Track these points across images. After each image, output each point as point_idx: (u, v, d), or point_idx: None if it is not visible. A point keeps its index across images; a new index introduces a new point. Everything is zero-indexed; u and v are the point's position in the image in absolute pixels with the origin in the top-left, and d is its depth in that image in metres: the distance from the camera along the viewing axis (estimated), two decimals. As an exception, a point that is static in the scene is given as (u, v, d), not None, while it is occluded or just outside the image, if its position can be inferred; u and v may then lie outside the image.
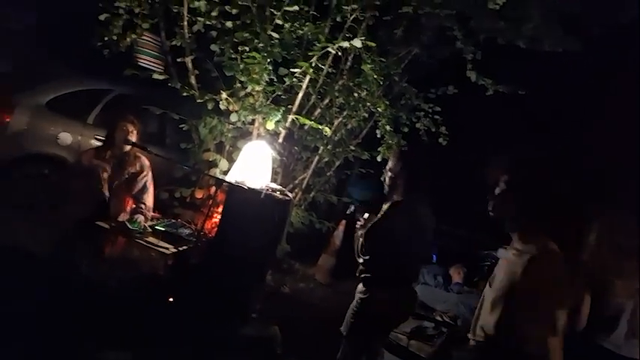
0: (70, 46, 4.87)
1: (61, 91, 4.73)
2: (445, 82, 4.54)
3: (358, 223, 2.65)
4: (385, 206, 2.54)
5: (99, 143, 3.48)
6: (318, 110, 4.47)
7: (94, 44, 3.85)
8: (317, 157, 4.68)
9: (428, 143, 4.48)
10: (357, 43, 3.35)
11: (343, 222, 5.49)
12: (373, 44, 3.47)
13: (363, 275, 2.59)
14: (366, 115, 4.49)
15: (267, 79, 3.90)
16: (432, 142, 4.42)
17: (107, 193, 3.35)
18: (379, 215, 2.59)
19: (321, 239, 5.51)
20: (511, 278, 1.67)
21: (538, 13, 3.64)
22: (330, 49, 3.57)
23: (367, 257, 2.49)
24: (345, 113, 4.45)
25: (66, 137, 4.68)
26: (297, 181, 4.75)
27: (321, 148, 4.59)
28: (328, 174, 4.92)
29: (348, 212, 4.45)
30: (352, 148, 4.68)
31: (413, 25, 4.18)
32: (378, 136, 4.15)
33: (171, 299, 3.27)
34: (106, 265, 3.19)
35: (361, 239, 2.57)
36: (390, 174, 2.61)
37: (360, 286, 2.61)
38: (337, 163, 4.90)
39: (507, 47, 4.14)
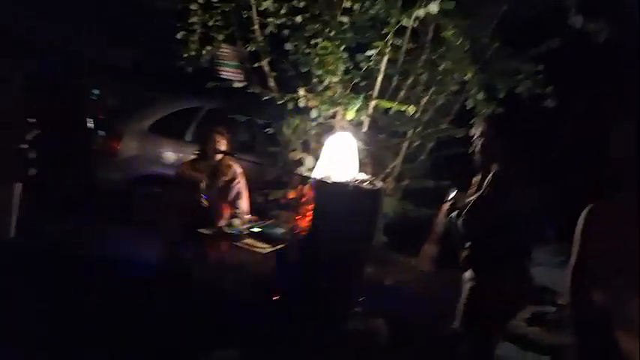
0: (162, 75, 5.32)
1: (159, 115, 5.13)
2: (545, 37, 4.00)
3: (446, 204, 2.41)
4: (475, 179, 2.27)
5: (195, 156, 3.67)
6: (402, 92, 4.22)
7: (183, 70, 4.09)
8: (407, 142, 4.44)
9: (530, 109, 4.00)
10: (433, 7, 3.08)
11: (445, 207, 5.15)
12: (451, 5, 3.15)
13: (468, 262, 2.35)
14: (456, 88, 4.13)
15: (343, 69, 3.78)
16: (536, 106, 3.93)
17: (206, 202, 3.50)
18: (477, 192, 2.33)
19: (422, 228, 5.23)
20: None
21: None
22: (404, 23, 3.34)
23: (471, 241, 2.24)
24: (431, 90, 4.15)
25: (169, 156, 5.05)
26: (388, 170, 4.56)
27: (410, 131, 4.35)
28: (421, 158, 4.65)
29: (449, 197, 4.14)
30: (444, 127, 4.35)
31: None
32: (468, 107, 3.79)
33: (275, 297, 3.34)
34: (212, 269, 3.35)
35: (460, 222, 2.32)
36: (480, 141, 2.33)
37: (468, 274, 2.37)
38: (429, 146, 4.60)
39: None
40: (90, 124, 6.21)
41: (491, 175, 2.26)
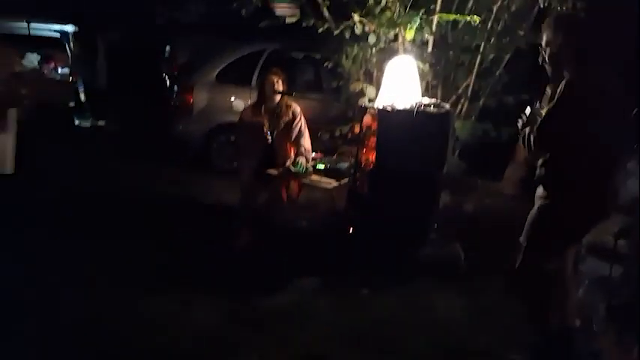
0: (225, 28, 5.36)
1: (225, 63, 5.24)
2: None
3: (520, 120, 2.19)
4: (548, 91, 2.02)
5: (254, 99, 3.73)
6: (470, 1, 3.82)
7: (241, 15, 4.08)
8: (479, 57, 4.07)
9: None
10: None
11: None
12: None
13: (541, 178, 2.17)
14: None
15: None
16: None
17: (270, 143, 3.58)
18: (549, 103, 2.09)
19: (504, 150, 4.89)
20: None
21: None
22: None
23: (546, 157, 2.05)
24: (502, -5, 3.70)
25: (238, 103, 5.18)
26: (460, 90, 4.25)
27: (483, 44, 3.96)
28: (497, 73, 4.25)
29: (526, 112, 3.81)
30: (522, 33, 3.89)
31: None
32: (542, 6, 3.32)
33: (349, 231, 3.41)
34: (283, 207, 3.49)
35: (533, 137, 2.12)
36: (549, 49, 2.05)
37: (540, 191, 2.19)
38: (507, 58, 4.17)
39: None
40: (166, 79, 6.59)
41: (562, 84, 2.00)
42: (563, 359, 2.23)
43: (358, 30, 3.78)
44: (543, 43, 2.10)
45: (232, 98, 5.18)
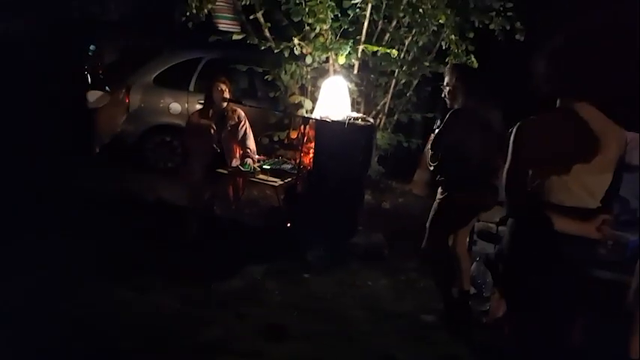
0: (162, 28, 5.55)
1: (163, 68, 5.45)
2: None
3: (431, 135, 2.93)
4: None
5: (201, 106, 4.08)
6: (388, 34, 4.59)
7: (180, 20, 4.39)
8: (394, 80, 4.87)
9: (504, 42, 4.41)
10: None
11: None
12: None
13: (437, 180, 2.91)
14: (436, 29, 4.50)
15: (332, 17, 4.12)
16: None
17: (218, 145, 3.98)
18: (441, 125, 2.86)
19: (413, 157, 5.77)
20: None
21: None
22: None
23: (436, 163, 2.79)
24: (414, 31, 4.53)
25: (176, 107, 5.45)
26: (379, 107, 5.02)
27: (397, 70, 4.76)
28: (408, 94, 5.09)
29: (435, 127, 4.66)
30: (427, 64, 4.76)
31: None
32: (444, 47, 4.20)
33: (289, 224, 3.92)
34: (231, 202, 3.91)
35: (429, 148, 2.88)
36: (447, 88, 2.83)
37: (439, 189, 2.94)
38: (415, 82, 5.03)
39: None
40: (88, 78, 6.49)
41: (450, 112, 2.78)
42: (462, 317, 2.99)
43: (296, 51, 4.35)
44: (444, 83, 2.87)
45: (169, 101, 5.42)
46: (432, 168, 2.85)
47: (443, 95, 2.93)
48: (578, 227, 1.67)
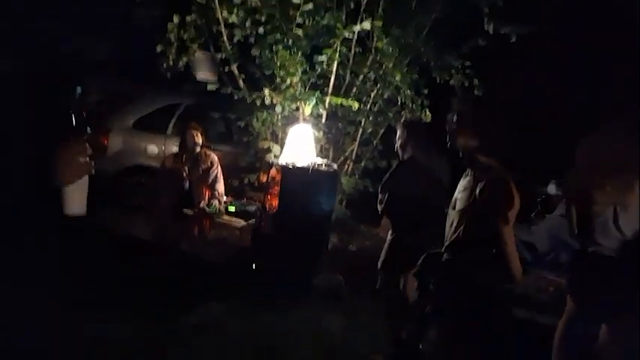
0: (142, 74, 5.87)
1: (143, 113, 5.73)
2: (471, 36, 4.78)
3: None
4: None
5: (176, 148, 4.32)
6: (354, 88, 4.96)
7: (159, 70, 4.71)
8: (361, 129, 5.19)
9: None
10: (366, 25, 3.81)
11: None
12: (379, 24, 3.88)
13: (387, 222, 3.15)
14: (399, 84, 4.88)
15: (301, 70, 4.47)
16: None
17: (188, 187, 4.19)
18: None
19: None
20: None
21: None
22: (347, 35, 4.05)
23: (382, 207, 3.03)
24: (378, 85, 4.89)
25: (152, 149, 5.68)
26: (347, 153, 5.31)
27: (363, 120, 5.10)
28: (374, 142, 5.40)
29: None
30: (391, 115, 5.11)
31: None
32: (399, 102, 4.56)
33: (253, 265, 4.07)
34: (196, 242, 4.07)
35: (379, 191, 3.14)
36: (399, 141, 3.12)
37: (389, 231, 3.16)
38: (381, 132, 5.35)
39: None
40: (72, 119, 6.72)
41: (396, 163, 3.06)
42: (410, 357, 3.13)
43: (267, 100, 4.66)
44: (396, 137, 3.16)
45: (147, 144, 5.66)
46: (380, 210, 3.09)
47: (395, 148, 3.22)
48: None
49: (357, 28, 3.92)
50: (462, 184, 2.23)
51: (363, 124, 5.13)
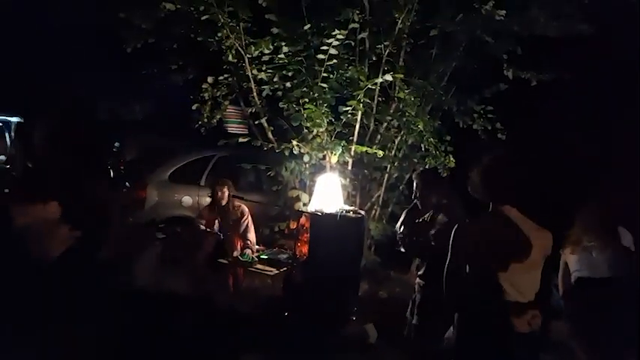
0: (177, 129, 6.24)
1: (177, 165, 6.02)
2: (493, 82, 4.92)
3: None
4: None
5: (209, 200, 4.51)
6: (379, 136, 5.11)
7: (193, 125, 5.01)
8: (387, 175, 5.28)
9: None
10: (388, 77, 4.00)
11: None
12: (400, 76, 4.07)
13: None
14: (422, 130, 5.00)
15: (327, 121, 4.66)
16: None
17: (221, 237, 4.33)
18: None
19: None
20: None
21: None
22: (370, 86, 4.24)
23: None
24: (402, 132, 5.03)
25: (187, 200, 5.91)
26: (373, 199, 5.38)
27: (389, 166, 5.20)
28: (400, 187, 5.47)
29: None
30: (416, 160, 5.20)
31: (446, 43, 4.68)
32: (423, 149, 4.66)
33: (286, 313, 4.10)
34: (231, 292, 4.15)
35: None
36: (416, 191, 3.22)
37: (418, 279, 3.18)
38: (407, 176, 5.43)
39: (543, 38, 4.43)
40: (111, 173, 7.12)
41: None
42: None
43: (295, 150, 4.85)
44: (414, 186, 3.26)
45: (182, 195, 5.91)
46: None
47: (413, 197, 3.30)
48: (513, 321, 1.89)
49: (379, 80, 4.11)
50: None
51: (388, 169, 5.23)
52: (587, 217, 2.92)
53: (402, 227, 3.15)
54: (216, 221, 4.32)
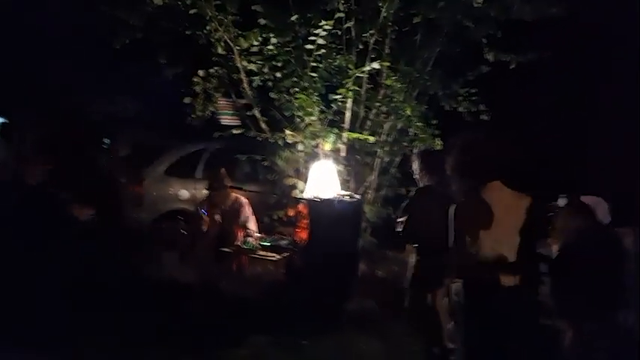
0: (169, 123, 6.33)
1: (173, 159, 6.13)
2: (475, 65, 5.10)
3: None
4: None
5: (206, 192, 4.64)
6: (369, 122, 5.27)
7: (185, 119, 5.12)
8: (378, 160, 5.46)
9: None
10: (375, 65, 4.15)
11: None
12: (386, 63, 4.22)
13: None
14: (410, 114, 5.17)
15: (318, 109, 4.81)
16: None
17: (222, 228, 4.48)
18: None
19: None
20: None
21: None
22: (358, 74, 4.39)
23: (404, 232, 3.27)
24: (391, 117, 5.19)
25: (184, 193, 6.04)
26: (367, 183, 5.56)
27: (379, 150, 5.38)
28: (392, 171, 5.66)
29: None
30: (405, 144, 5.38)
31: (429, 29, 4.83)
32: (412, 133, 4.85)
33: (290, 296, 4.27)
34: (236, 278, 4.33)
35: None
36: (416, 170, 3.39)
37: (413, 254, 3.39)
38: (397, 160, 5.61)
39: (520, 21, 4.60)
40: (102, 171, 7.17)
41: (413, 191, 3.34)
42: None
43: (289, 140, 4.99)
44: (413, 167, 3.43)
45: (179, 189, 6.03)
46: (402, 235, 3.32)
47: (413, 176, 3.48)
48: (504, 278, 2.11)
49: (366, 68, 4.26)
50: None
51: (379, 154, 5.41)
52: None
53: (405, 219, 3.33)
54: (217, 213, 4.46)
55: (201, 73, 4.84)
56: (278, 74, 4.89)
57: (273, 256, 4.23)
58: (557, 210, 3.01)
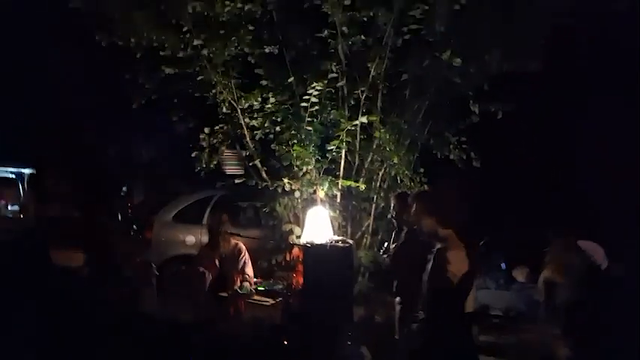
0: (178, 173, 6.76)
1: (180, 206, 6.47)
2: (466, 115, 5.40)
3: None
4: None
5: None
6: (363, 169, 5.55)
7: (194, 170, 5.50)
8: (374, 205, 5.69)
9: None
10: (364, 119, 4.48)
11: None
12: (374, 118, 4.56)
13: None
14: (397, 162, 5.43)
15: (315, 159, 5.13)
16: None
17: (221, 274, 4.70)
18: None
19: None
20: None
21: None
22: (349, 127, 4.73)
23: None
24: (385, 165, 5.47)
25: (191, 239, 6.33)
26: (364, 228, 5.77)
27: (375, 196, 5.62)
28: (389, 216, 5.86)
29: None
30: (399, 191, 5.60)
31: (417, 84, 5.19)
32: (399, 181, 5.11)
33: (285, 342, 4.42)
34: (233, 322, 4.50)
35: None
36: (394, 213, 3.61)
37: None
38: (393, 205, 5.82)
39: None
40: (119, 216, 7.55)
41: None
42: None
43: (287, 187, 5.29)
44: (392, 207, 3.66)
45: (185, 235, 6.33)
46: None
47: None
48: None
49: (356, 122, 4.60)
50: None
51: (375, 200, 5.64)
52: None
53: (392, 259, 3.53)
54: (215, 259, 4.70)
55: (206, 130, 5.28)
56: (277, 128, 5.28)
57: (267, 301, 4.41)
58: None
